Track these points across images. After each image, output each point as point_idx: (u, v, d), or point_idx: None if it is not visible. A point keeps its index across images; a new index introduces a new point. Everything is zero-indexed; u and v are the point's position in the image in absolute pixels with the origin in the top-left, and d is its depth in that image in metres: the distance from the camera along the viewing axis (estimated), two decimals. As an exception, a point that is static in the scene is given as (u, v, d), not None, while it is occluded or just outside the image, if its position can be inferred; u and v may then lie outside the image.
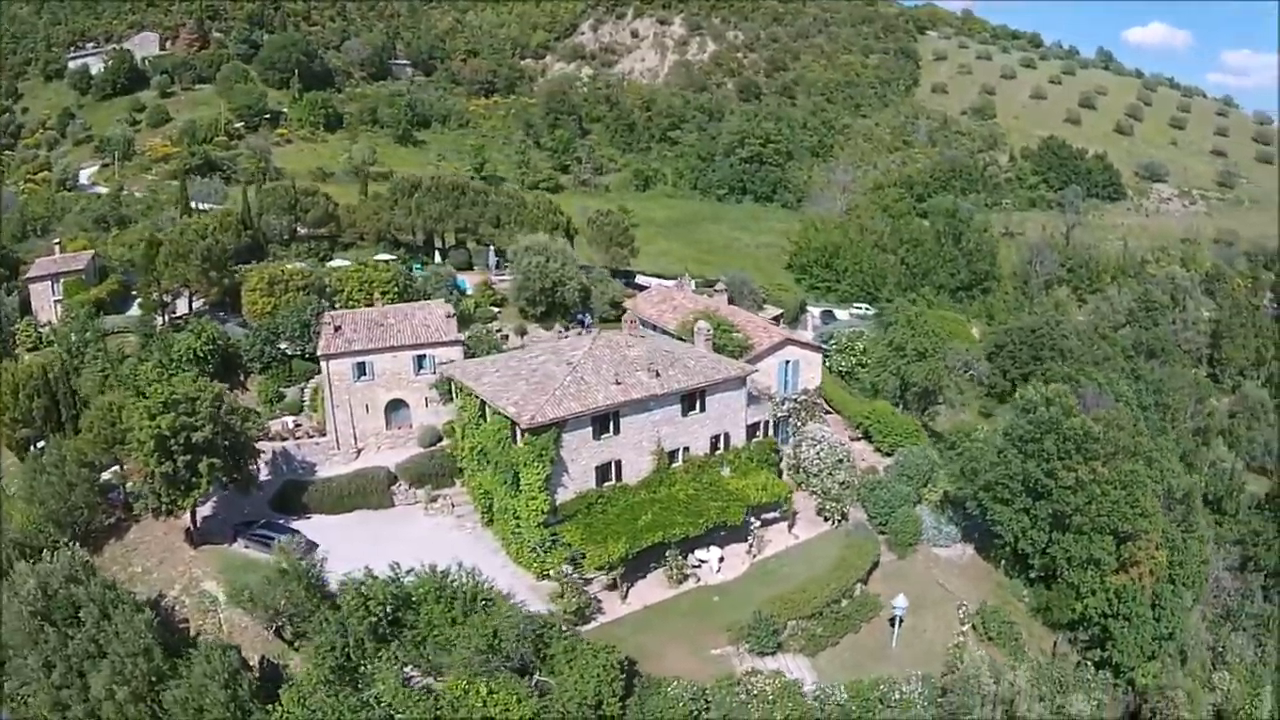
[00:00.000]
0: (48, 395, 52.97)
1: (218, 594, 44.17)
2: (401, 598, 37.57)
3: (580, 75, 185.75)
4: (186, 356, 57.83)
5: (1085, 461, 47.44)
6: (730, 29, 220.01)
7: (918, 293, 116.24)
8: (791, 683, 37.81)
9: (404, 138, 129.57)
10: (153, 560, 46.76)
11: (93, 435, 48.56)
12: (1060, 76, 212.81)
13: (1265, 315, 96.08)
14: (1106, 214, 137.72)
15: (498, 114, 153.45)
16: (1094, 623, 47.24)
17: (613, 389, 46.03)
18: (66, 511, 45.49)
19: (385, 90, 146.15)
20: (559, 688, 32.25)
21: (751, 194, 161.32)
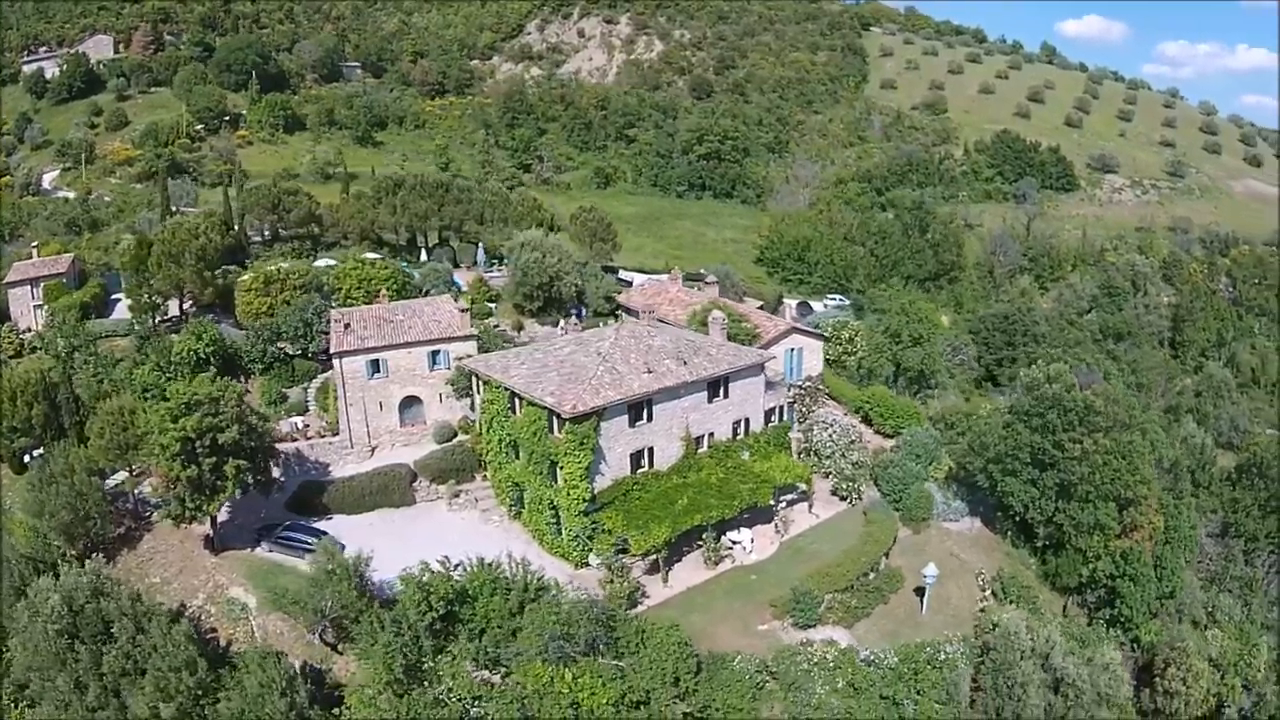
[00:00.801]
0: (47, 402, 52.68)
1: (247, 601, 44.15)
2: (458, 591, 38.47)
3: (529, 76, 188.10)
4: (186, 359, 57.96)
5: (1089, 433, 51.29)
6: (676, 28, 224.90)
7: (887, 284, 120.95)
8: (848, 649, 40.43)
9: (363, 139, 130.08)
10: (171, 570, 46.56)
11: (104, 441, 48.53)
12: (1007, 71, 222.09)
13: (1222, 299, 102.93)
14: (1061, 205, 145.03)
15: (453, 114, 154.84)
16: (1101, 584, 51.16)
17: (645, 377, 48.06)
18: (78, 523, 45.01)
19: (342, 92, 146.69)
20: (634, 668, 34.03)
21: (711, 190, 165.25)
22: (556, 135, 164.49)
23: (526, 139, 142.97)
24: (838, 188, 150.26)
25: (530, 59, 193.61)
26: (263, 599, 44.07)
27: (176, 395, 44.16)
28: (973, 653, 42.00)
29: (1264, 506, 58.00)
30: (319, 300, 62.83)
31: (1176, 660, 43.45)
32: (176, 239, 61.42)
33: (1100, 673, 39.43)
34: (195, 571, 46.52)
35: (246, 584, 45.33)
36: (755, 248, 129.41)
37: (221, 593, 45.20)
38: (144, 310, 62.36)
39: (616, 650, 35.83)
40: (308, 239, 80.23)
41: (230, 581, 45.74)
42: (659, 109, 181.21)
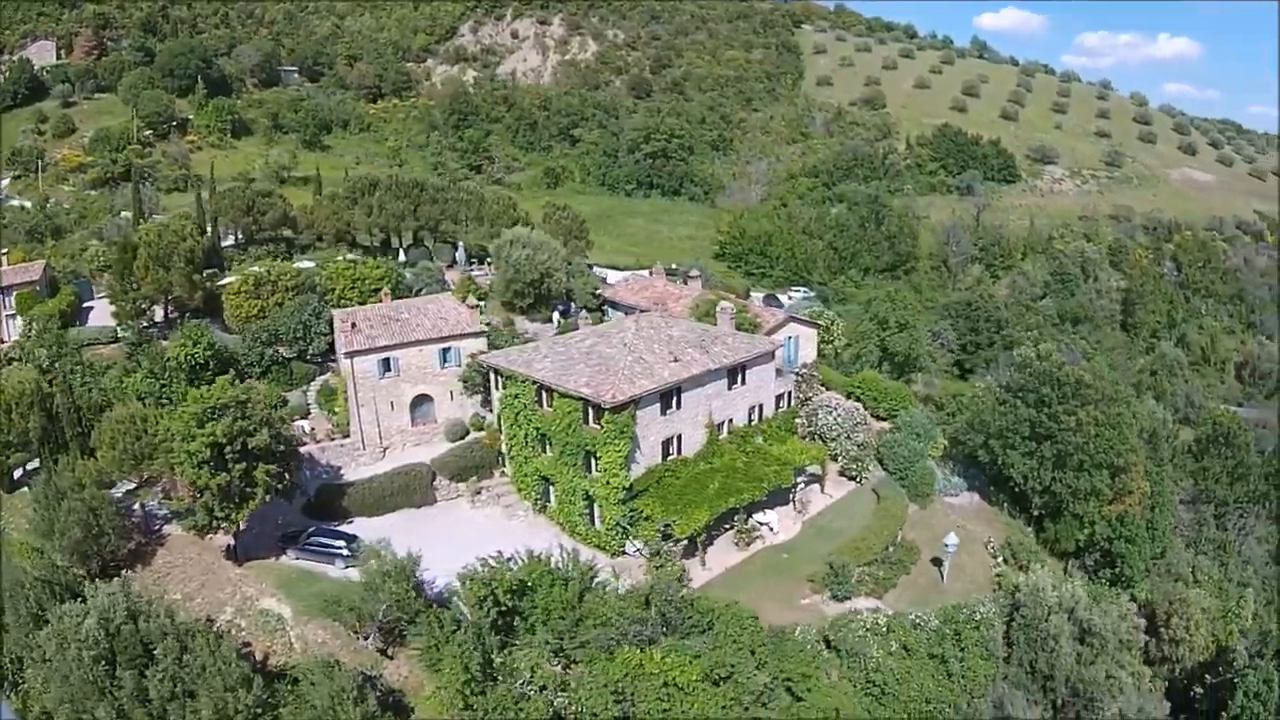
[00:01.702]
0: (43, 414, 51.31)
1: (281, 611, 43.57)
2: (519, 585, 39.55)
3: (465, 78, 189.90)
4: (182, 365, 57.75)
5: (1081, 405, 55.75)
6: (609, 28, 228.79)
7: (846, 275, 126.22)
8: (896, 614, 43.51)
9: (311, 142, 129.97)
10: (193, 584, 45.62)
11: (117, 452, 47.68)
12: (940, 66, 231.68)
13: (1169, 283, 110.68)
14: (1004, 196, 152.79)
15: (397, 117, 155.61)
16: (1098, 547, 55.66)
17: (673, 366, 50.35)
18: (90, 540, 43.77)
19: (285, 96, 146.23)
20: (713, 645, 36.29)
21: (659, 189, 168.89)
22: (501, 136, 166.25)
23: (476, 140, 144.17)
24: (789, 183, 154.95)
25: (465, 61, 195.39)
26: (298, 608, 43.39)
27: (202, 399, 43.81)
28: (1002, 612, 45.51)
29: (1231, 474, 63.48)
30: (316, 301, 63.08)
31: (1178, 611, 47.88)
32: (163, 242, 60.95)
33: (1119, 622, 43.37)
34: (219, 584, 45.74)
35: (278, 594, 44.80)
36: (715, 243, 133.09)
37: (251, 605, 44.44)
38: (130, 316, 61.60)
39: (685, 630, 37.97)
40: (281, 242, 79.96)
41: (260, 592, 45.12)
42: (601, 109, 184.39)
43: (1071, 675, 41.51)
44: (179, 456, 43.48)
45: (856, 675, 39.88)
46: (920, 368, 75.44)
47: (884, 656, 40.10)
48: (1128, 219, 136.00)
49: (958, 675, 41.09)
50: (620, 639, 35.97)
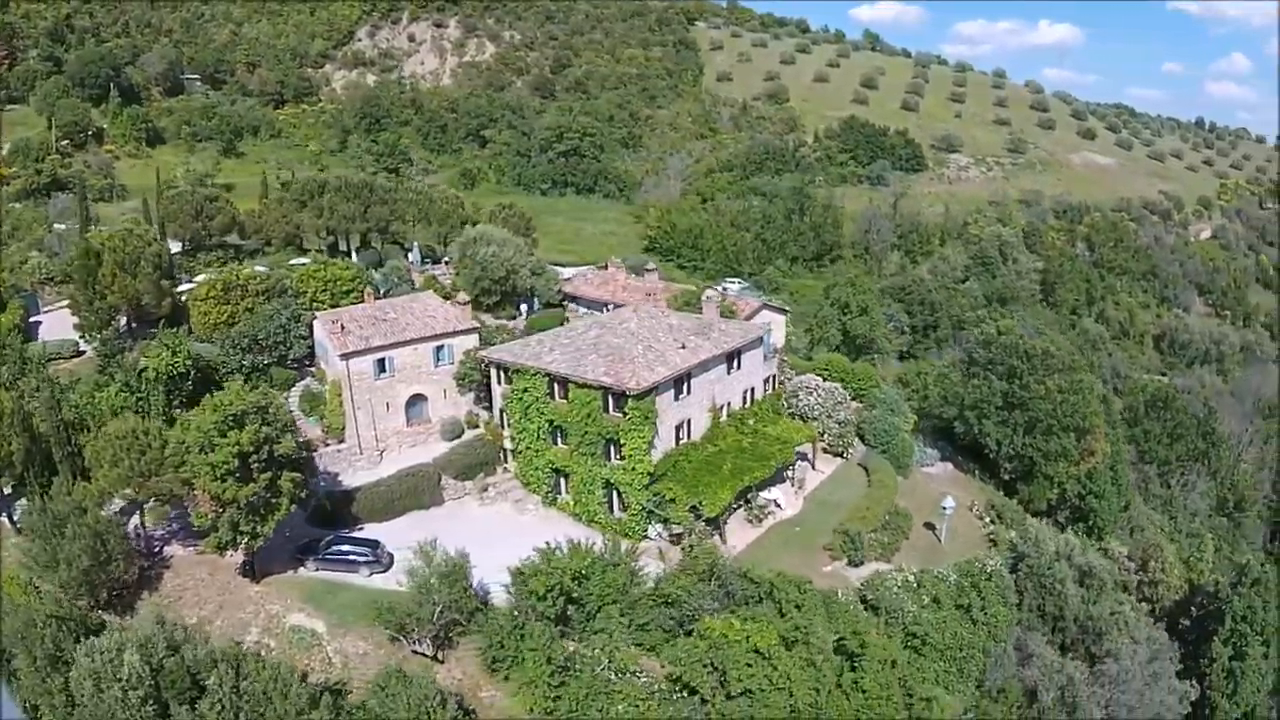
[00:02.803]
0: (26, 435, 48.74)
1: (314, 626, 43.04)
2: (575, 575, 40.63)
3: (366, 81, 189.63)
4: (160, 376, 56.35)
5: (1048, 374, 61.29)
6: (505, 29, 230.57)
7: (774, 265, 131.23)
8: (924, 570, 47.26)
9: (227, 149, 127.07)
10: (209, 606, 44.43)
11: (120, 471, 45.40)
12: (837, 60, 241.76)
13: (1083, 262, 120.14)
14: (913, 185, 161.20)
15: (306, 122, 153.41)
16: (1069, 504, 61.25)
17: (683, 352, 52.82)
18: (98, 568, 41.95)
19: (195, 103, 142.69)
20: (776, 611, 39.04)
21: (573, 187, 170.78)
22: (412, 139, 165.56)
23: (390, 143, 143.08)
24: (708, 178, 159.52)
25: (364, 65, 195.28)
26: (332, 621, 43.11)
27: (221, 406, 42.96)
28: (1007, 564, 50.00)
29: (1170, 435, 70.51)
30: (295, 304, 62.49)
31: (1154, 555, 53.57)
32: (128, 248, 59.21)
33: (1112, 564, 48.47)
34: (238, 604, 44.70)
35: (306, 607, 44.30)
36: (643, 238, 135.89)
37: (278, 622, 43.61)
38: (96, 327, 59.55)
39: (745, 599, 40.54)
40: (230, 248, 78.30)
41: (286, 608, 44.39)
42: (509, 109, 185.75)
43: (1080, 614, 46.18)
44: (198, 469, 42.40)
45: (895, 629, 43.26)
46: (877, 350, 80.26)
47: (919, 610, 43.63)
48: (1037, 203, 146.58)
49: (981, 622, 45.08)
50: (692, 614, 38.15)
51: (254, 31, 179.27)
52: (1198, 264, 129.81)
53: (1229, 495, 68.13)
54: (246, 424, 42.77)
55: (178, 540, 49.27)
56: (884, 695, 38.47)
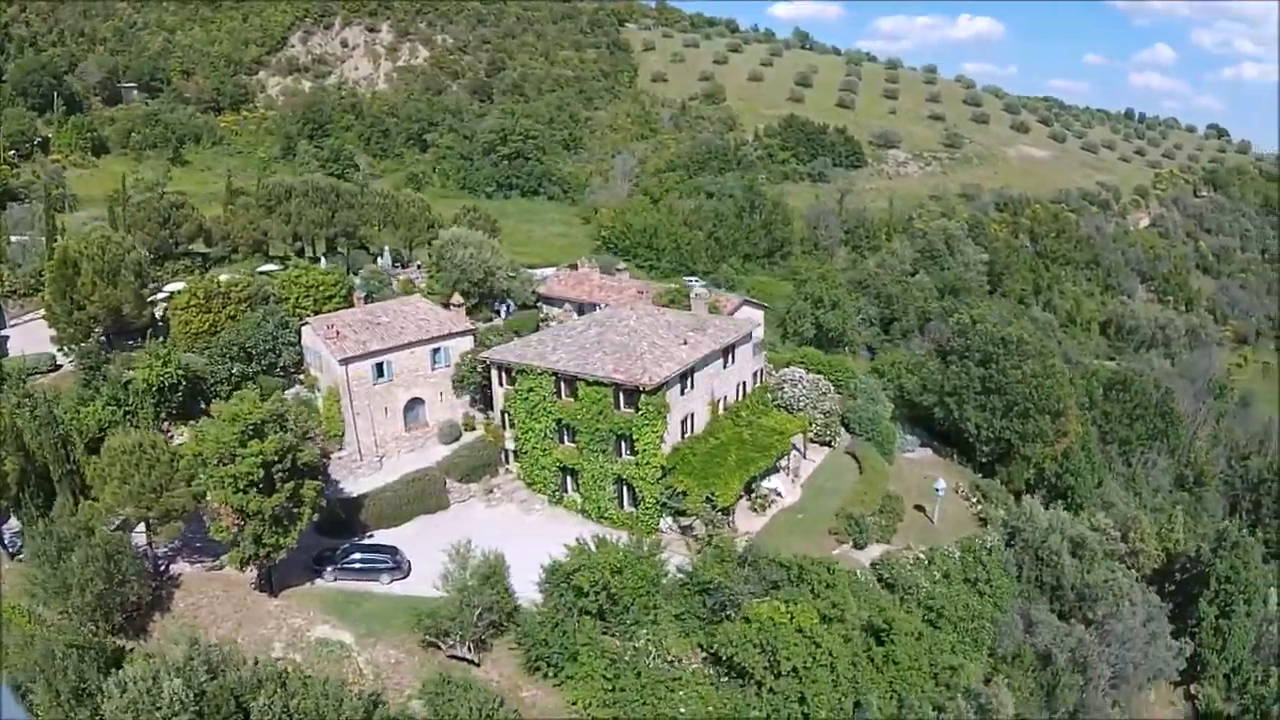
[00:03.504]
0: (21, 454, 46.59)
1: (341, 637, 42.68)
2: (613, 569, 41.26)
3: (301, 87, 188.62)
4: (150, 388, 55.26)
5: (1023, 360, 64.69)
6: (438, 33, 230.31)
7: (728, 263, 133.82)
8: (933, 547, 49.62)
9: (173, 158, 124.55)
10: (227, 624, 43.61)
11: (130, 488, 43.71)
12: (770, 59, 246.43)
13: (1027, 253, 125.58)
14: (854, 181, 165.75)
15: (248, 129, 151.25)
16: (1047, 483, 64.71)
17: (685, 348, 54.28)
18: (112, 592, 40.42)
19: (137, 112, 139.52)
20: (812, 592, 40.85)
21: (518, 190, 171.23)
22: (354, 144, 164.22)
23: (336, 149, 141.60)
24: (656, 178, 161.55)
25: (298, 71, 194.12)
26: (359, 632, 42.95)
27: (242, 416, 42.22)
28: (1005, 536, 52.87)
29: (1130, 415, 74.79)
30: (283, 310, 61.90)
31: (1134, 526, 57.15)
32: (107, 255, 57.82)
33: (1101, 536, 51.70)
34: (258, 620, 43.99)
35: (330, 619, 43.93)
36: (596, 238, 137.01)
37: (302, 636, 43.15)
38: (75, 339, 57.87)
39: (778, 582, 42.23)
40: (196, 255, 76.90)
41: (309, 621, 43.99)
42: (450, 112, 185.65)
43: (1075, 582, 49.19)
44: (219, 481, 41.65)
45: (910, 604, 45.48)
46: (847, 342, 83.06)
47: (931, 585, 45.95)
48: (977, 197, 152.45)
49: (987, 595, 47.64)
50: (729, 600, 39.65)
51: (187, 39, 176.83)
52: (1139, 252, 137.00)
53: (1187, 471, 72.76)
54: (267, 433, 42.42)
55: (183, 557, 48.28)
56: (914, 666, 40.61)
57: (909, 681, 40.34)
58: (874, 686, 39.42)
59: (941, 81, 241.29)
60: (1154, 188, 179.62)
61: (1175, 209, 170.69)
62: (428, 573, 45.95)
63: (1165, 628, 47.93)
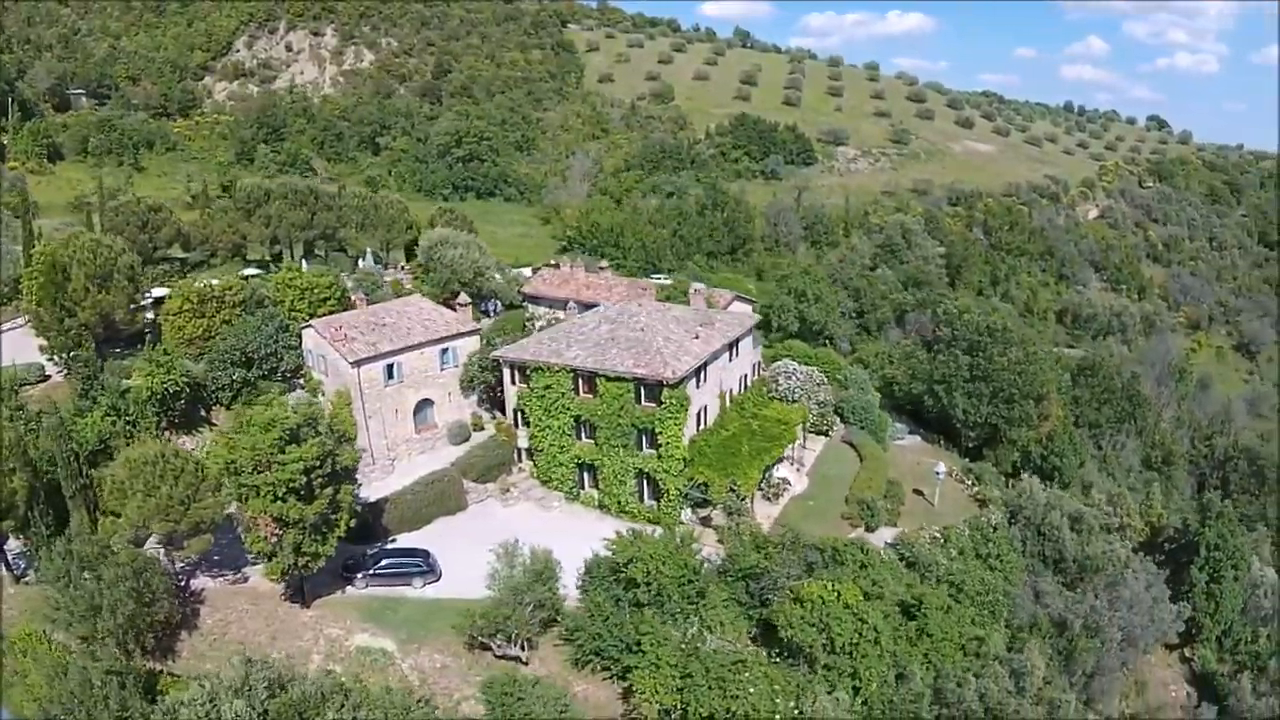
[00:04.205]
0: (28, 470, 44.30)
1: (383, 645, 42.35)
2: None
3: (248, 91, 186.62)
4: (154, 396, 54.33)
5: (1007, 348, 67.66)
6: (382, 36, 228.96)
7: (692, 260, 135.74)
8: (947, 527, 51.82)
9: (129, 163, 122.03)
10: (261, 638, 42.78)
11: (156, 500, 41.47)
12: (714, 58, 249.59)
13: (982, 246, 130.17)
14: (806, 178, 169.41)
15: (200, 134, 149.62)
16: (1032, 464, 67.75)
17: (696, 343, 55.62)
18: (142, 612, 39.06)
19: (91, 118, 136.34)
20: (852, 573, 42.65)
21: (474, 192, 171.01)
22: (307, 147, 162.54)
23: (293, 153, 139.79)
24: (615, 178, 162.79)
25: (244, 75, 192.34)
26: (401, 638, 42.73)
27: (280, 421, 41.58)
28: (1008, 516, 55.50)
29: (1099, 400, 78.51)
30: (279, 315, 61.31)
31: (1119, 501, 60.44)
32: (98, 260, 56.57)
33: (1096, 510, 54.71)
34: (293, 632, 43.34)
35: (369, 626, 43.62)
36: (560, 238, 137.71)
37: (341, 646, 42.65)
38: (65, 348, 56.35)
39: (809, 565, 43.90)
40: (174, 260, 75.57)
41: (347, 630, 43.54)
42: (402, 115, 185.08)
43: (1077, 555, 51.98)
44: (252, 490, 40.66)
45: (930, 580, 47.59)
46: (828, 335, 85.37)
47: (949, 562, 48.14)
48: (929, 191, 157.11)
49: (999, 569, 50.06)
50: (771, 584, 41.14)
51: (132, 44, 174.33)
52: (1091, 243, 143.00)
53: (1156, 452, 76.76)
54: (302, 438, 41.85)
55: (202, 571, 46.76)
56: (946, 638, 42.63)
57: (942, 653, 42.37)
58: (911, 659, 41.28)
59: (884, 78, 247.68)
60: (1100, 180, 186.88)
61: (1122, 200, 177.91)
62: (457, 575, 46.69)
63: (1165, 593, 51.07)
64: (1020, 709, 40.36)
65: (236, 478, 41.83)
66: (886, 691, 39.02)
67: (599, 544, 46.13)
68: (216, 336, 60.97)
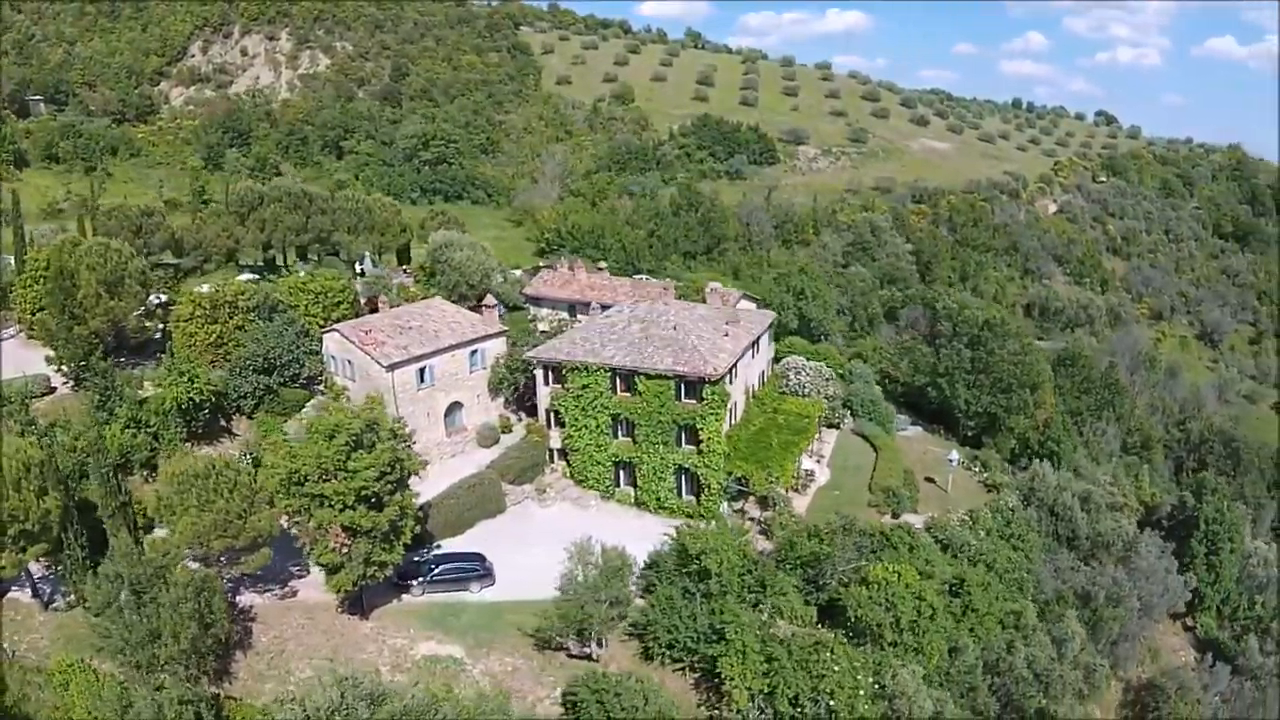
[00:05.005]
0: (61, 489, 42.09)
1: (451, 651, 42.31)
2: None
3: (203, 96, 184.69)
4: (179, 406, 53.68)
5: (1005, 341, 70.78)
6: (336, 39, 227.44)
7: (670, 260, 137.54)
8: (971, 510, 54.43)
9: (95, 169, 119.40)
10: (322, 653, 41.92)
11: (213, 515, 40.47)
12: (669, 59, 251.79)
13: (949, 242, 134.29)
14: (769, 178, 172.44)
15: (165, 140, 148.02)
16: (1030, 451, 70.99)
17: (728, 339, 57.30)
18: (204, 634, 37.91)
19: (54, 124, 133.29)
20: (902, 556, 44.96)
21: (442, 195, 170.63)
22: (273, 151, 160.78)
23: (262, 157, 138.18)
24: (587, 180, 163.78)
25: (201, 80, 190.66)
26: (469, 644, 42.85)
27: (345, 427, 41.00)
28: (1021, 499, 58.39)
29: (1079, 388, 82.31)
30: (299, 320, 61.12)
31: (1116, 483, 63.92)
32: (109, 265, 55.65)
33: (1102, 488, 58.01)
34: (355, 645, 42.71)
35: (434, 634, 43.52)
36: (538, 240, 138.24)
37: (406, 655, 42.37)
38: (75, 359, 54.67)
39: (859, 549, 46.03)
40: (168, 265, 74.74)
41: (410, 639, 43.30)
42: (366, 119, 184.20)
43: (1090, 532, 55.11)
44: (317, 500, 40.40)
45: (962, 559, 50.06)
46: (825, 332, 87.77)
47: (979, 542, 50.65)
48: (891, 189, 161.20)
49: (1021, 548, 52.81)
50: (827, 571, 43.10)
51: (88, 50, 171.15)
52: (1053, 237, 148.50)
53: (1134, 437, 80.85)
54: (366, 443, 41.68)
55: (245, 588, 45.96)
56: (989, 613, 45.08)
57: (986, 627, 44.80)
58: (959, 633, 43.57)
59: (838, 78, 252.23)
60: (1057, 176, 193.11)
61: (1079, 195, 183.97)
62: (507, 578, 47.47)
63: (1174, 564, 54.55)
64: (1062, 674, 42.83)
65: (300, 488, 41.26)
66: (943, 665, 41.18)
67: (643, 541, 47.69)
68: (230, 343, 60.44)
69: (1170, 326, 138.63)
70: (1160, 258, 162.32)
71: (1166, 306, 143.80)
